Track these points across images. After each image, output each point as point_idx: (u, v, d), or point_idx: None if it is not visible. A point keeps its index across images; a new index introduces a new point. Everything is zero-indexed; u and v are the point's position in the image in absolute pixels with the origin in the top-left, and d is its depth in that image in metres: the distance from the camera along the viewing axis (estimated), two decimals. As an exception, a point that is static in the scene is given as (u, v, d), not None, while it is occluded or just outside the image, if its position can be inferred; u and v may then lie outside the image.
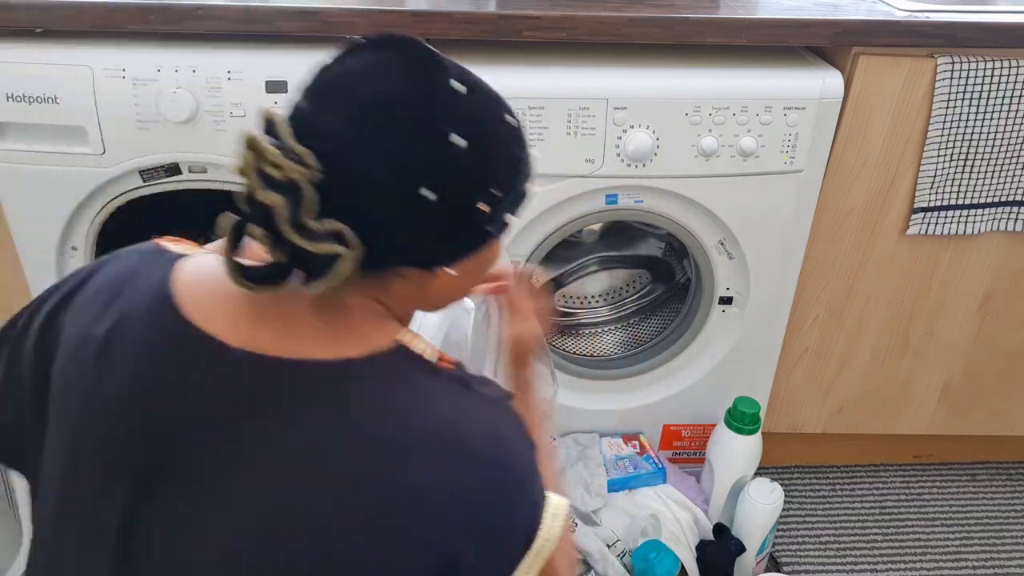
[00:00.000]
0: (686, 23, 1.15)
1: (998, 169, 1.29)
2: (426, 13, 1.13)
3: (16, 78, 1.11)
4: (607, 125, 1.17)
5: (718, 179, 1.23)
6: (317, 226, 0.57)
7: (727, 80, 1.19)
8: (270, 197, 0.56)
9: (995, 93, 1.22)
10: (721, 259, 1.32)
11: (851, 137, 1.25)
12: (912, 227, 1.32)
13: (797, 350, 1.46)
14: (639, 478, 1.40)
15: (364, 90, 0.59)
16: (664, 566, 1.23)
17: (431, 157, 0.59)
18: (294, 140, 0.57)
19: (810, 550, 1.50)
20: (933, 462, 1.70)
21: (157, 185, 1.20)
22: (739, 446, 1.37)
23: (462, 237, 0.63)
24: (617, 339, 1.55)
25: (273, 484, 0.59)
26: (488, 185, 0.62)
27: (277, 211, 0.56)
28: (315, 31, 1.12)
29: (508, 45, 1.21)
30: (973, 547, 1.52)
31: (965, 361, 1.49)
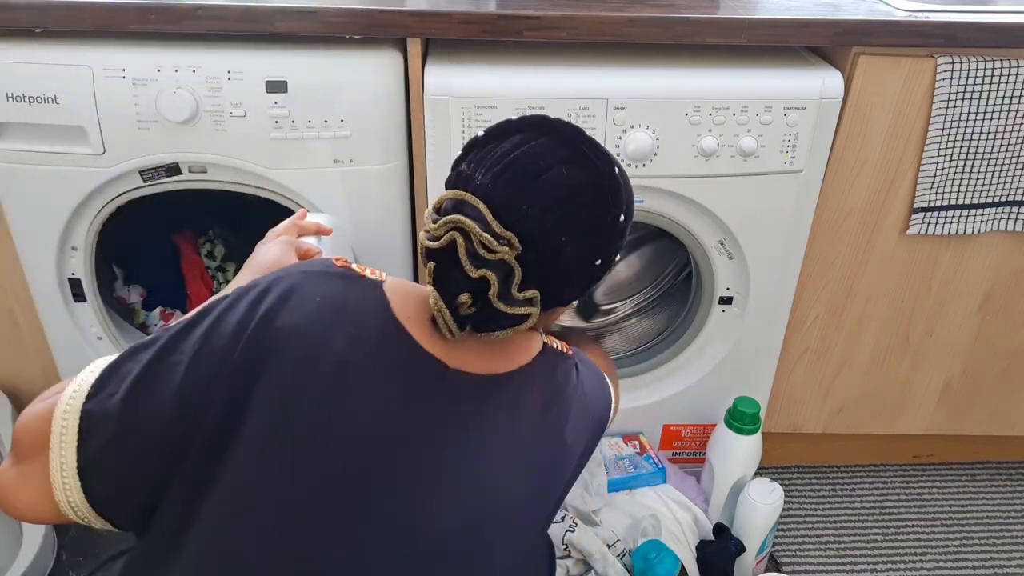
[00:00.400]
0: (686, 23, 1.15)
1: (998, 169, 1.29)
2: (426, 13, 1.13)
3: (16, 78, 1.11)
4: (607, 125, 1.17)
5: (718, 179, 1.23)
6: (518, 295, 0.71)
7: (727, 80, 1.19)
8: (488, 275, 0.69)
9: (995, 93, 1.22)
10: (721, 259, 1.32)
11: (851, 137, 1.25)
12: (912, 227, 1.32)
13: (797, 350, 1.46)
14: (639, 478, 1.40)
15: (553, 180, 0.71)
16: (664, 566, 1.23)
17: (607, 235, 0.75)
18: (499, 225, 0.69)
19: (810, 550, 1.50)
20: (933, 462, 1.70)
21: (157, 185, 1.20)
22: (739, 446, 1.37)
23: (593, 286, 0.80)
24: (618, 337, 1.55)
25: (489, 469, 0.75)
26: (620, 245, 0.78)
27: (492, 286, 0.69)
28: (315, 31, 1.12)
29: (508, 45, 1.21)
30: (973, 547, 1.52)
31: (965, 361, 1.49)
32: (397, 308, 0.75)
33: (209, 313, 0.71)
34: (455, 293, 0.70)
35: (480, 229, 0.68)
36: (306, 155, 1.17)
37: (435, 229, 0.70)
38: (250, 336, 0.69)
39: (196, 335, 0.70)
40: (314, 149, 1.17)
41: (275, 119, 1.14)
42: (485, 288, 0.70)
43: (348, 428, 0.69)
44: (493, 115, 1.15)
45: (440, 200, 0.73)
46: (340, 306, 0.73)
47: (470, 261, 0.69)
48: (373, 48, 1.15)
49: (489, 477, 0.75)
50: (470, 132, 1.16)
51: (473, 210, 0.69)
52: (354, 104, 1.15)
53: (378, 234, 1.25)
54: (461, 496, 0.73)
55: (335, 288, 0.75)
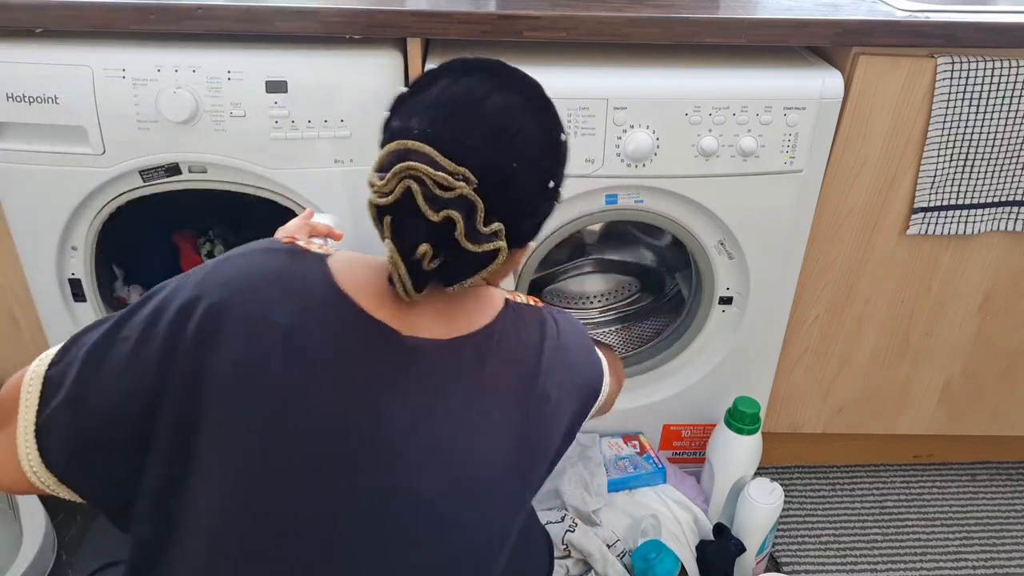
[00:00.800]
0: (686, 23, 1.15)
1: (998, 169, 1.29)
2: (426, 13, 1.13)
3: (16, 78, 1.11)
4: (607, 125, 1.17)
5: (718, 179, 1.23)
6: (485, 230, 0.68)
7: (727, 80, 1.19)
8: (452, 215, 0.66)
9: (995, 93, 1.22)
10: (721, 259, 1.32)
11: (851, 137, 1.25)
12: (912, 227, 1.32)
13: (797, 350, 1.46)
14: (639, 478, 1.40)
15: (490, 110, 0.70)
16: (664, 566, 1.23)
17: (553, 156, 0.74)
18: (450, 163, 0.66)
19: (810, 550, 1.50)
20: (933, 462, 1.70)
21: (157, 185, 1.20)
22: (739, 446, 1.37)
23: (551, 214, 0.77)
24: (608, 342, 1.55)
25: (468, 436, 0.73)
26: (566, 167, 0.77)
27: (458, 225, 0.66)
28: (315, 31, 1.12)
29: (508, 45, 1.21)
30: (973, 547, 1.52)
31: (965, 361, 1.49)
32: (342, 278, 0.73)
33: (159, 292, 0.72)
34: (414, 245, 0.68)
35: (433, 170, 0.66)
36: (306, 155, 1.17)
37: (384, 185, 0.67)
38: (197, 318, 0.68)
39: (144, 313, 0.70)
40: (314, 149, 1.17)
41: (275, 119, 1.14)
42: (449, 231, 0.67)
43: (303, 403, 0.68)
44: (493, 115, 1.15)
45: (381, 158, 0.70)
46: (282, 280, 0.72)
47: (429, 205, 0.66)
48: (373, 48, 1.15)
49: (460, 440, 0.73)
50: (470, 132, 1.16)
51: (420, 156, 0.67)
52: (354, 104, 1.15)
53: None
54: (433, 462, 0.71)
55: (278, 263, 0.74)
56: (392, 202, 0.67)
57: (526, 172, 0.71)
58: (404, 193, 0.67)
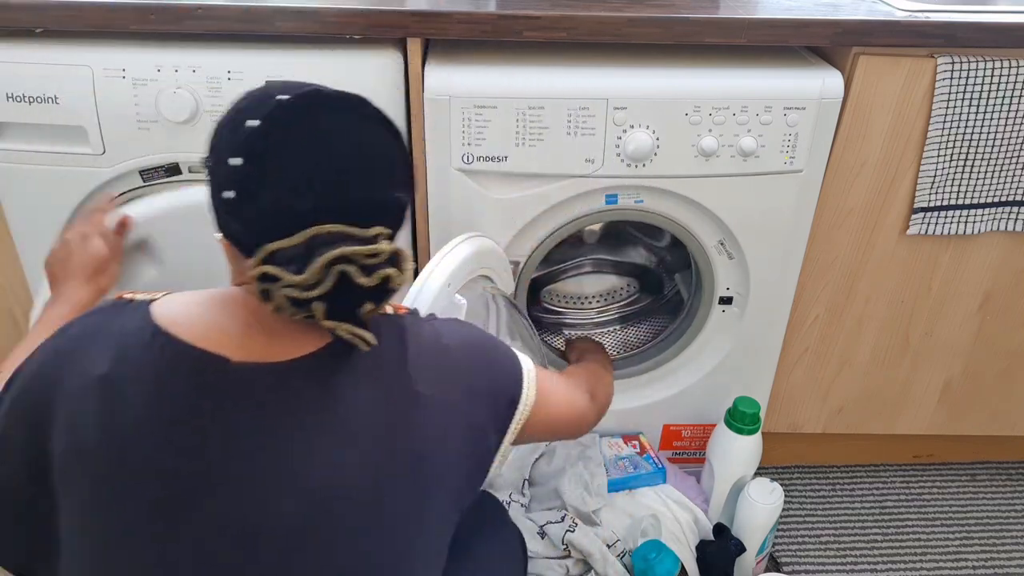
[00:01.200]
0: (686, 23, 1.15)
1: (998, 169, 1.29)
2: (426, 13, 1.13)
3: (16, 78, 1.11)
4: (607, 125, 1.17)
5: (718, 179, 1.23)
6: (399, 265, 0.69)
7: (727, 80, 1.19)
8: (387, 274, 0.67)
9: (995, 93, 1.22)
10: (721, 259, 1.32)
11: (851, 137, 1.25)
12: (912, 227, 1.32)
13: (797, 350, 1.46)
14: (639, 478, 1.40)
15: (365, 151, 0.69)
16: (664, 566, 1.23)
17: (407, 158, 0.75)
18: (362, 229, 0.67)
19: (810, 550, 1.50)
20: (933, 462, 1.70)
21: (157, 185, 1.20)
22: (739, 446, 1.37)
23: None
24: (608, 342, 1.55)
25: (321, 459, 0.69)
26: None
27: (393, 278, 0.68)
28: (315, 31, 1.12)
29: (508, 45, 1.21)
30: (973, 547, 1.52)
31: (965, 361, 1.49)
32: (161, 317, 0.70)
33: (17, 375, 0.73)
34: (354, 312, 0.68)
35: (359, 247, 0.65)
36: (306, 155, 1.17)
37: (308, 278, 0.64)
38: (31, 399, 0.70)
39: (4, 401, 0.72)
40: (314, 149, 1.17)
41: (275, 119, 1.14)
42: (385, 285, 0.68)
43: (134, 451, 0.66)
44: (493, 115, 1.15)
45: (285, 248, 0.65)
46: (101, 334, 0.70)
47: (365, 275, 0.66)
48: (373, 48, 1.15)
49: (312, 460, 0.69)
50: (470, 132, 1.16)
51: (339, 239, 0.65)
52: (354, 104, 1.15)
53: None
54: (286, 490, 0.68)
55: (98, 319, 0.73)
56: (324, 292, 0.65)
57: (409, 190, 0.73)
58: (337, 279, 0.65)
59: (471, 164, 1.19)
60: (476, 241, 1.12)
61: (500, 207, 1.23)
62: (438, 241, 1.26)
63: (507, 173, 1.20)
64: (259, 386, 0.69)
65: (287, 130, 0.66)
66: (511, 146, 1.17)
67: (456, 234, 1.13)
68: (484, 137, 1.17)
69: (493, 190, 1.22)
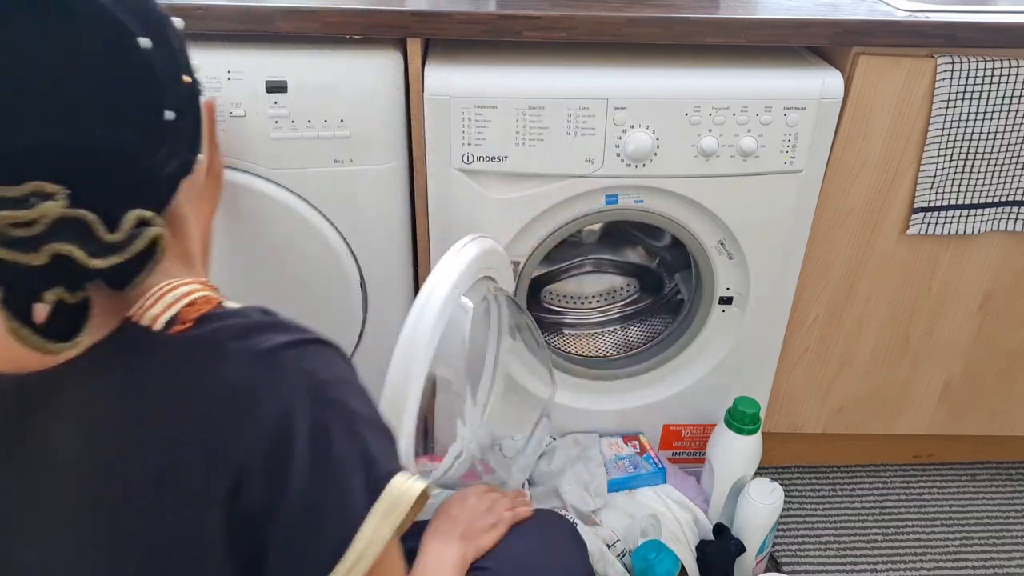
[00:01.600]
0: (686, 23, 1.15)
1: (998, 169, 1.29)
2: (426, 13, 1.13)
3: (16, 78, 1.11)
4: (607, 125, 1.17)
5: (718, 179, 1.23)
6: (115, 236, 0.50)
7: (727, 80, 1.19)
8: (57, 249, 0.47)
9: (995, 93, 1.22)
10: (721, 259, 1.32)
11: (851, 137, 1.25)
12: (912, 227, 1.32)
13: (797, 350, 1.46)
14: (639, 478, 1.40)
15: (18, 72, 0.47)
16: (664, 566, 1.23)
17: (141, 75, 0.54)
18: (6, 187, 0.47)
19: (810, 550, 1.50)
20: (933, 462, 1.70)
21: (157, 185, 1.20)
22: (739, 446, 1.37)
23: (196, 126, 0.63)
24: (608, 342, 1.55)
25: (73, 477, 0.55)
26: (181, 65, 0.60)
27: (76, 255, 0.48)
28: (315, 31, 1.12)
29: (508, 45, 1.21)
30: (973, 547, 1.52)
31: (965, 361, 1.49)
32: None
33: None
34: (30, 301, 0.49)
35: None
36: (306, 155, 1.17)
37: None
38: None
39: None
40: (314, 149, 1.17)
41: (275, 119, 1.14)
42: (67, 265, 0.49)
43: None
44: (493, 115, 1.15)
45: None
46: None
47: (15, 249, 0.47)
48: (373, 48, 1.15)
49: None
50: (470, 132, 1.16)
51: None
52: (354, 104, 1.15)
53: (377, 234, 1.25)
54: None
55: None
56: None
57: (118, 130, 0.50)
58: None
59: (471, 164, 1.19)
60: (481, 242, 1.12)
61: (500, 207, 1.23)
62: (438, 241, 1.26)
63: (507, 173, 1.20)
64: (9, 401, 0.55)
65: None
66: (511, 146, 1.17)
67: (456, 234, 1.13)
68: (484, 137, 1.17)
69: (493, 190, 1.22)
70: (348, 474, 0.57)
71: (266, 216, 1.20)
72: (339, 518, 0.56)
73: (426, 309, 0.98)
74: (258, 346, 0.56)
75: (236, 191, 1.18)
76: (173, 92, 0.55)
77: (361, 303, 1.29)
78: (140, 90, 0.52)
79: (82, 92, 0.49)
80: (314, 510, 0.55)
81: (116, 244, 0.50)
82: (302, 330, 0.59)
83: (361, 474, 0.57)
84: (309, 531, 0.55)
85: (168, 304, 0.57)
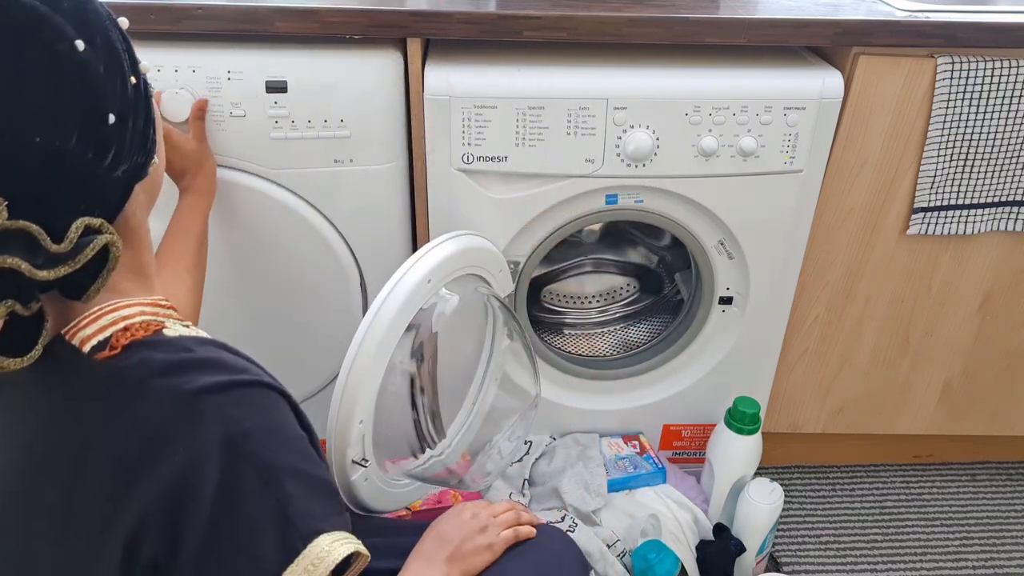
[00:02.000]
0: (686, 23, 1.15)
1: (998, 169, 1.29)
2: (426, 13, 1.13)
3: (16, 78, 1.11)
4: (607, 125, 1.17)
5: (718, 179, 1.23)
6: (61, 247, 0.49)
7: (727, 80, 1.19)
8: (5, 262, 0.46)
9: (995, 93, 1.22)
10: (721, 259, 1.32)
11: (851, 137, 1.25)
12: (912, 227, 1.32)
13: (797, 350, 1.46)
14: (639, 478, 1.40)
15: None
16: (664, 566, 1.23)
17: (81, 81, 0.53)
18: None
19: (810, 550, 1.50)
20: (933, 462, 1.70)
21: (157, 185, 1.20)
22: (739, 446, 1.37)
23: (146, 130, 0.61)
24: (608, 342, 1.55)
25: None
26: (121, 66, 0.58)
27: (21, 268, 0.47)
28: (315, 31, 1.12)
29: (508, 45, 1.21)
30: (973, 547, 1.52)
31: (965, 361, 1.49)
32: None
33: None
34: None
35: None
36: (306, 155, 1.17)
37: None
38: None
39: None
40: (314, 149, 1.17)
41: (275, 119, 1.14)
42: (15, 277, 0.47)
43: None
44: (493, 115, 1.15)
45: None
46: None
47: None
48: (373, 48, 1.15)
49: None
50: (470, 132, 1.16)
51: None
52: (354, 104, 1.15)
53: (378, 234, 1.25)
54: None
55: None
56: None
57: (57, 136, 0.49)
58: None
59: (471, 164, 1.19)
60: (463, 239, 1.11)
61: (500, 207, 1.23)
62: (438, 241, 1.26)
63: (507, 173, 1.20)
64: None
65: None
66: (511, 146, 1.17)
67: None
68: (484, 137, 1.17)
69: (493, 190, 1.22)
70: (257, 534, 0.53)
71: (266, 216, 1.20)
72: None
73: (391, 296, 0.98)
74: (181, 386, 0.53)
75: (236, 191, 1.18)
76: (115, 95, 0.53)
77: (361, 303, 1.29)
78: (78, 94, 0.50)
79: (16, 99, 0.47)
80: (213, 569, 0.52)
81: (63, 254, 0.48)
82: (239, 370, 0.56)
83: (273, 534, 0.54)
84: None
85: (103, 327, 0.54)
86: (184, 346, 0.55)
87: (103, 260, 0.51)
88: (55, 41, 0.49)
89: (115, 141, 0.53)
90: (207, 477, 0.51)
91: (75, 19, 0.51)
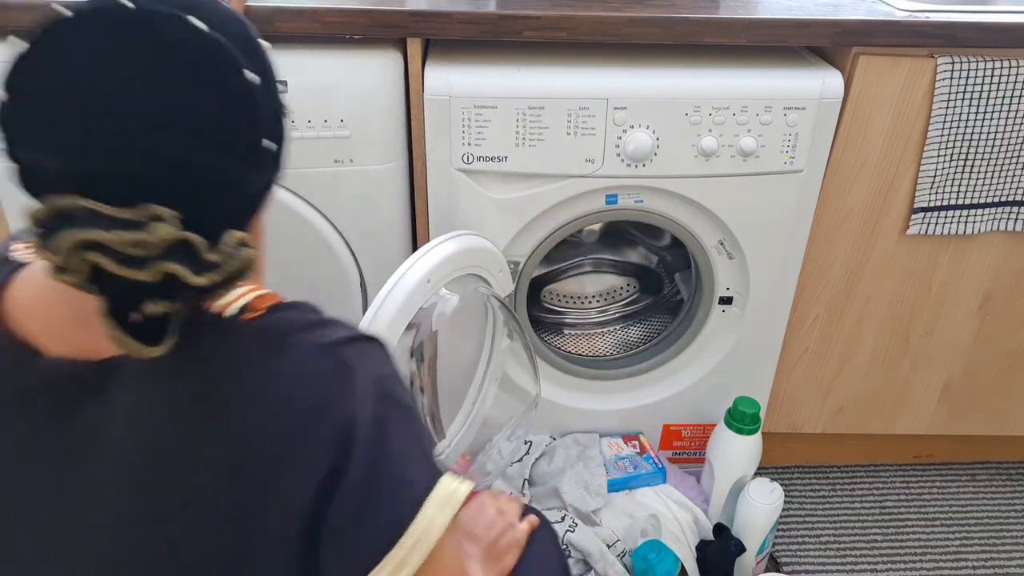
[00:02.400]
0: (686, 23, 1.15)
1: (998, 169, 1.29)
2: (426, 13, 1.13)
3: (16, 78, 1.11)
4: (607, 125, 1.17)
5: (718, 179, 1.23)
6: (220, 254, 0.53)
7: (727, 80, 1.19)
8: (170, 267, 0.51)
9: (995, 93, 1.22)
10: (721, 259, 1.32)
11: (851, 137, 1.25)
12: (912, 227, 1.32)
13: (797, 350, 1.46)
14: (639, 478, 1.40)
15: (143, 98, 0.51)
16: (664, 566, 1.23)
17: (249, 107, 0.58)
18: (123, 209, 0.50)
19: (810, 550, 1.50)
20: (933, 462, 1.70)
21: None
22: (739, 446, 1.37)
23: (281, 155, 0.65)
24: (608, 342, 1.55)
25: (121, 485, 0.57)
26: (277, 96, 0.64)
27: (181, 274, 0.51)
28: (315, 31, 1.12)
29: (508, 45, 1.21)
30: (973, 547, 1.52)
31: (965, 361, 1.49)
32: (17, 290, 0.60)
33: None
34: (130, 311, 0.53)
35: (110, 233, 0.49)
36: (306, 155, 1.17)
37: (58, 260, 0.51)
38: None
39: None
40: (314, 149, 1.17)
41: (275, 119, 1.14)
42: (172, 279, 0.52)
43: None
44: (493, 115, 1.15)
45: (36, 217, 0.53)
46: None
47: (129, 269, 0.50)
48: (373, 48, 1.15)
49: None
50: (470, 132, 1.16)
51: (82, 218, 0.50)
52: (354, 104, 1.15)
53: (378, 234, 1.25)
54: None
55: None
56: (82, 280, 0.51)
57: (225, 156, 0.54)
58: (92, 270, 0.50)
59: (471, 164, 1.19)
60: (463, 239, 1.12)
61: (500, 207, 1.23)
62: (438, 241, 1.26)
63: (507, 173, 1.20)
64: (61, 384, 0.58)
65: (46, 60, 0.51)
66: (511, 146, 1.17)
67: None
68: (484, 137, 1.17)
69: (493, 190, 1.22)
70: (406, 464, 0.59)
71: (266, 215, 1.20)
72: (398, 502, 0.58)
73: (391, 296, 0.99)
74: (321, 340, 0.59)
75: (236, 191, 1.18)
76: (270, 121, 0.58)
77: (361, 303, 1.29)
78: (246, 120, 0.55)
79: (197, 120, 0.52)
80: (374, 493, 0.57)
81: (214, 263, 0.53)
82: (354, 328, 0.63)
83: (417, 465, 0.60)
84: (369, 513, 0.57)
85: (238, 295, 0.60)
86: (310, 307, 0.62)
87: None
88: (233, 72, 0.54)
89: (268, 162, 0.59)
90: (361, 420, 0.57)
91: (246, 52, 0.56)
